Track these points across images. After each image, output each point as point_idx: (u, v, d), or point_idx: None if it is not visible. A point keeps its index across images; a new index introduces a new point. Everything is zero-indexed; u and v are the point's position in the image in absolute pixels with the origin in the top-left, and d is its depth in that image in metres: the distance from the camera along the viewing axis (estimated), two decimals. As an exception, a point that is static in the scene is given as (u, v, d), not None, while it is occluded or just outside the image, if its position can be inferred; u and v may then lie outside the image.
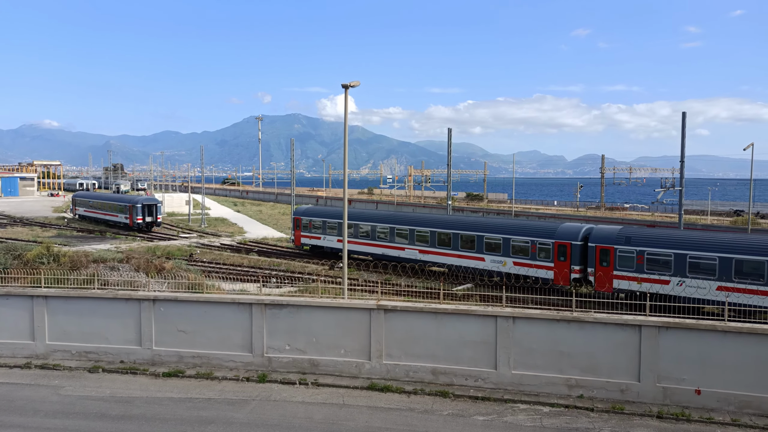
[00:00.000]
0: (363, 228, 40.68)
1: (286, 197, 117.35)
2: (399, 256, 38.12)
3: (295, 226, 45.86)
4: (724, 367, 16.21)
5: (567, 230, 31.29)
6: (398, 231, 38.54)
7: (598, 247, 28.96)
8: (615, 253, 28.39)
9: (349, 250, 40.37)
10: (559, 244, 30.63)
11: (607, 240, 28.90)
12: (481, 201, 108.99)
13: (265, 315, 19.37)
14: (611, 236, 29.09)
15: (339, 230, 41.97)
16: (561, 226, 32.02)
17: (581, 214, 78.35)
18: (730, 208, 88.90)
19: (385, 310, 18.58)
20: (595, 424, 15.69)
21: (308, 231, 44.65)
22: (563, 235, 30.85)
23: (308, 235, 44.73)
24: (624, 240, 28.52)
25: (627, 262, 28.11)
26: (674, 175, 77.32)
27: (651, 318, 16.87)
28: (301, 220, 45.36)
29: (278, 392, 17.95)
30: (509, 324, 17.65)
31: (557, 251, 30.70)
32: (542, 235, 31.71)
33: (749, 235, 34.25)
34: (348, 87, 22.30)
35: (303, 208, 47.00)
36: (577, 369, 17.28)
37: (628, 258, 28.09)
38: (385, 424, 15.72)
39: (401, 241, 38.27)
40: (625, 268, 28.14)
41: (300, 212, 46.18)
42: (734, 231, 51.33)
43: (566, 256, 30.35)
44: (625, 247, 28.24)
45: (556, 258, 30.71)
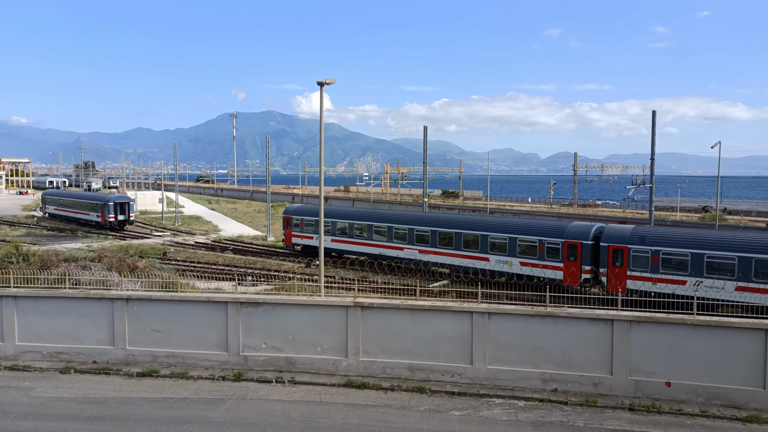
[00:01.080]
0: (359, 227, 39.47)
1: (261, 195, 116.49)
2: (398, 256, 36.97)
3: (285, 226, 44.43)
4: (693, 360, 16.63)
5: (577, 229, 30.40)
6: (397, 230, 37.36)
7: (611, 246, 28.12)
8: (629, 253, 27.58)
9: (344, 250, 39.93)
10: (569, 244, 29.71)
11: (621, 240, 28.06)
12: (457, 198, 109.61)
13: (240, 313, 19.23)
14: (624, 236, 28.24)
15: (334, 229, 40.78)
16: (570, 225, 31.21)
17: (554, 211, 79.38)
18: (698, 204, 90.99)
19: (362, 308, 18.60)
20: (569, 417, 15.96)
21: (300, 230, 43.17)
22: (573, 235, 29.94)
23: (300, 235, 43.23)
24: (638, 239, 27.72)
25: (641, 263, 27.32)
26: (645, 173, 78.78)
27: (623, 312, 17.20)
28: (291, 219, 43.85)
29: (254, 391, 17.85)
30: (485, 320, 17.83)
31: (567, 251, 29.80)
32: (551, 234, 30.75)
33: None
34: (323, 84, 22.23)
35: (294, 207, 45.40)
36: (551, 363, 17.54)
37: (642, 258, 27.30)
38: (363, 420, 15.76)
39: (400, 241, 37.13)
40: (639, 268, 27.35)
41: (291, 211, 44.64)
42: (702, 227, 52.58)
43: (576, 256, 29.46)
44: (640, 246, 27.44)
45: (565, 258, 29.81)
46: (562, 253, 29.97)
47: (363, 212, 41.95)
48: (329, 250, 40.55)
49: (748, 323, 16.32)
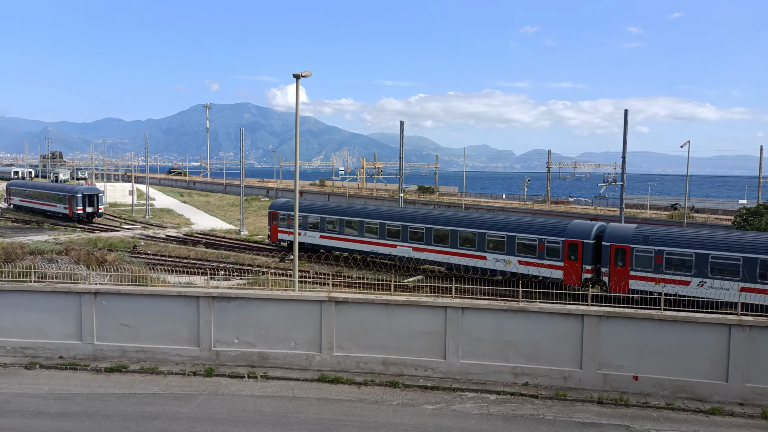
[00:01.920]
0: (350, 223, 38.65)
1: (235, 188, 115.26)
2: (390, 253, 36.17)
3: (271, 221, 43.12)
4: (659, 354, 17.00)
5: (578, 228, 29.99)
6: (390, 227, 36.54)
7: (614, 246, 27.75)
8: (632, 253, 27.26)
9: (335, 246, 39.22)
10: (569, 243, 29.31)
11: (623, 239, 27.71)
12: (433, 194, 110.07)
13: (212, 308, 19.02)
14: (627, 235, 27.91)
15: (323, 226, 39.87)
16: (571, 224, 30.74)
17: (528, 208, 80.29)
18: (668, 202, 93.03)
19: (337, 302, 18.56)
20: (540, 410, 16.19)
21: (287, 226, 41.86)
22: (574, 233, 29.53)
23: (286, 231, 41.91)
24: (641, 239, 27.40)
25: (644, 262, 27.04)
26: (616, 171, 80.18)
27: (592, 307, 17.50)
28: (278, 214, 42.59)
29: (226, 386, 17.69)
30: (458, 314, 17.95)
31: (567, 250, 29.38)
32: (551, 233, 30.30)
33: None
34: (299, 77, 22.06)
35: (280, 202, 44.16)
36: (523, 357, 17.77)
37: (645, 258, 27.01)
38: (336, 415, 15.75)
39: (393, 238, 36.34)
40: (642, 268, 27.06)
41: (277, 206, 43.39)
42: (670, 224, 53.78)
43: (577, 255, 29.05)
44: (643, 246, 27.13)
45: (566, 257, 29.39)
46: (563, 252, 29.52)
47: (355, 208, 41.15)
48: (319, 246, 39.93)
49: (712, 318, 16.76)
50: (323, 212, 40.32)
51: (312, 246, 40.70)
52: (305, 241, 40.87)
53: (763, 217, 36.48)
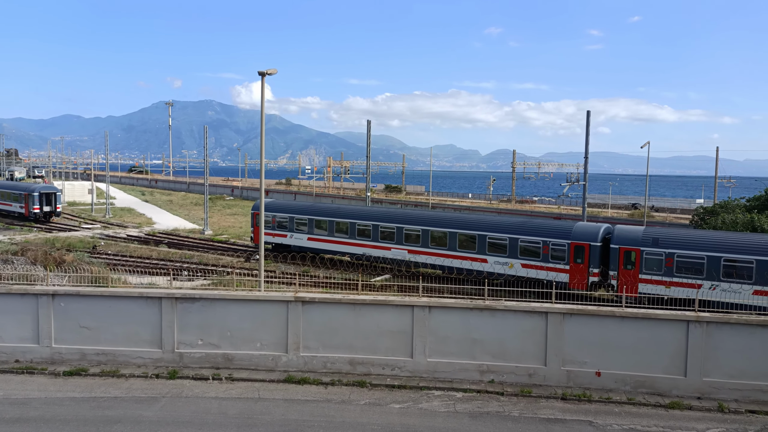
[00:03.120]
0: (341, 225, 37.41)
1: (198, 187, 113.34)
2: (384, 256, 35.03)
3: (254, 223, 41.37)
4: (621, 350, 17.39)
5: (584, 230, 29.35)
6: (383, 229, 35.49)
7: (622, 249, 27.16)
8: (641, 256, 26.72)
9: (324, 249, 38.12)
10: (576, 245, 28.63)
11: (633, 242, 27.19)
12: (400, 193, 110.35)
13: (176, 309, 18.63)
14: (637, 238, 27.39)
15: (310, 227, 38.81)
16: (576, 226, 30.04)
17: (494, 207, 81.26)
18: (629, 202, 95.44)
19: (303, 302, 18.41)
20: (505, 407, 16.38)
21: (271, 228, 40.59)
22: (580, 236, 28.86)
23: (271, 233, 40.59)
24: (651, 242, 26.90)
25: (654, 265, 26.52)
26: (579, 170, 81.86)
27: (556, 305, 17.80)
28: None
29: (190, 388, 17.36)
30: (425, 313, 18.02)
31: (573, 253, 28.71)
32: (556, 235, 29.58)
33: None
34: (265, 74, 21.80)
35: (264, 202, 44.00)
36: (489, 355, 17.94)
37: (656, 261, 26.49)
38: (302, 416, 15.62)
39: (387, 240, 35.21)
40: (652, 271, 26.51)
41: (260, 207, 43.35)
42: (632, 223, 55.17)
43: (584, 258, 28.36)
44: (653, 249, 26.61)
45: (572, 260, 28.75)
46: (568, 254, 28.85)
47: (346, 209, 39.96)
48: (306, 249, 38.69)
49: (671, 315, 17.23)
50: (311, 213, 39.25)
51: (299, 248, 39.40)
52: (292, 244, 39.82)
53: (719, 216, 37.74)
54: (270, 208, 41.36)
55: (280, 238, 40.41)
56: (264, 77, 21.86)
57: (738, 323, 16.85)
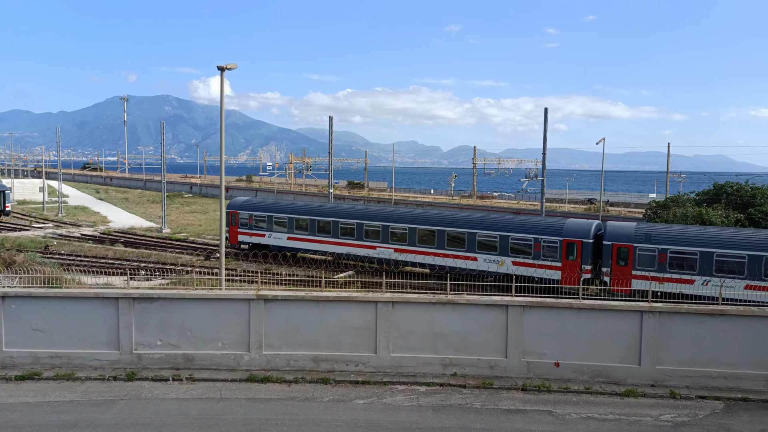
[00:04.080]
0: (323, 223, 36.48)
1: (155, 184, 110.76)
2: (369, 255, 34.25)
3: (229, 222, 40.25)
4: (579, 341, 17.86)
5: (576, 227, 29.28)
6: (368, 227, 34.69)
7: (615, 245, 27.22)
8: (634, 252, 26.84)
9: (304, 248, 37.28)
10: (567, 242, 28.58)
11: (626, 238, 27.26)
12: (363, 189, 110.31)
13: (133, 309, 18.19)
14: (629, 234, 27.46)
15: (290, 226, 37.84)
16: (568, 223, 30.03)
17: (455, 202, 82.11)
18: (585, 196, 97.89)
19: (266, 300, 18.24)
20: (467, 399, 16.63)
21: (248, 227, 39.56)
22: (572, 233, 28.81)
23: (248, 232, 39.61)
24: (644, 238, 27.00)
25: (647, 261, 26.67)
26: (537, 166, 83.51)
27: (516, 298, 18.14)
28: (238, 214, 40.13)
29: (149, 390, 17.00)
30: (389, 309, 18.10)
31: (565, 250, 28.63)
32: (547, 232, 29.47)
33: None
34: (224, 69, 21.45)
35: (240, 201, 41.60)
36: (451, 349, 18.16)
37: (648, 257, 26.66)
38: (265, 414, 15.50)
39: (372, 239, 34.48)
40: (645, 267, 26.65)
41: (236, 206, 40.86)
42: (590, 217, 56.60)
43: (576, 255, 28.30)
44: (646, 245, 26.75)
45: (564, 257, 28.66)
46: (560, 251, 28.77)
47: (328, 207, 38.96)
48: (285, 248, 37.80)
49: (626, 306, 17.78)
50: (291, 212, 38.31)
51: (278, 248, 38.34)
52: (271, 243, 38.78)
53: (670, 210, 39.09)
54: (247, 207, 40.30)
55: (257, 238, 39.40)
56: (223, 72, 21.52)
57: (688, 313, 17.52)
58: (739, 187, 40.86)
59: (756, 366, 17.27)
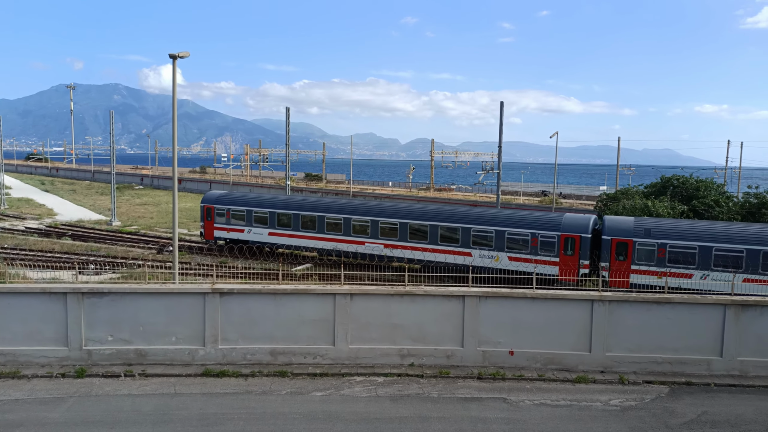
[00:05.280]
0: (307, 218, 35.19)
1: (104, 175, 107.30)
2: (357, 251, 33.23)
3: (205, 217, 38.59)
4: (532, 330, 18.29)
5: (574, 222, 29.12)
6: (356, 222, 33.68)
7: (614, 240, 27.21)
8: (634, 247, 26.83)
9: (286, 244, 36.15)
10: (566, 237, 28.44)
11: (625, 232, 27.26)
12: (320, 181, 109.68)
13: (82, 304, 17.61)
14: (629, 228, 27.42)
15: (272, 221, 36.31)
16: (566, 217, 29.74)
17: (414, 195, 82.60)
18: (539, 189, 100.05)
19: (221, 294, 17.95)
20: (425, 389, 16.82)
21: (226, 222, 37.88)
22: (570, 227, 28.66)
23: (225, 227, 37.89)
24: (643, 232, 27.02)
25: (646, 256, 26.73)
26: (493, 159, 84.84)
27: (473, 289, 18.42)
28: (214, 209, 38.22)
29: (100, 387, 16.51)
30: (347, 301, 18.10)
31: (563, 245, 28.53)
32: (544, 227, 29.16)
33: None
34: (176, 57, 20.88)
35: (216, 194, 39.44)
36: (409, 339, 18.32)
37: (647, 251, 26.70)
38: (221, 409, 15.30)
39: (360, 234, 33.43)
40: (644, 261, 26.70)
41: (212, 199, 38.79)
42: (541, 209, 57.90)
43: (574, 250, 28.18)
44: (645, 239, 26.77)
45: (562, 252, 28.52)
46: (558, 246, 28.63)
47: (313, 201, 37.47)
48: (266, 244, 36.71)
49: (577, 295, 18.31)
50: (273, 206, 37.00)
51: (259, 244, 36.95)
52: (250, 239, 37.25)
53: (619, 202, 40.37)
54: (224, 201, 38.59)
55: (236, 233, 37.78)
56: (175, 60, 20.94)
57: (636, 301, 18.17)
58: (685, 180, 42.57)
59: (698, 351, 18.09)
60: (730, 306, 17.85)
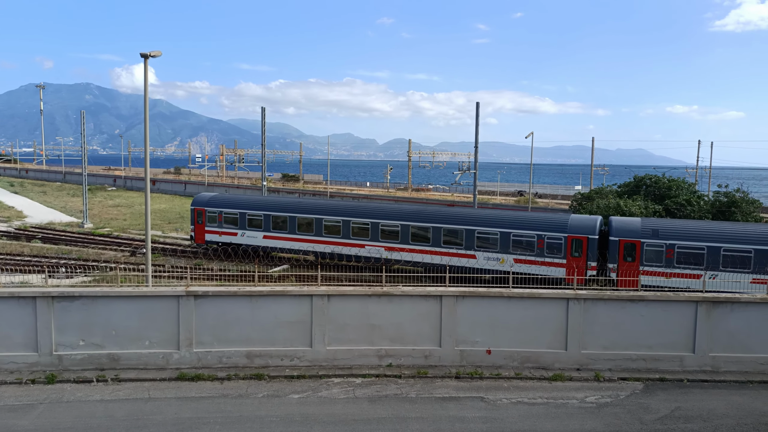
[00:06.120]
0: (304, 221, 34.23)
1: (76, 177, 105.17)
2: (358, 254, 32.14)
3: (196, 220, 37.37)
4: (509, 329, 18.40)
5: (581, 223, 28.87)
6: (355, 224, 32.80)
7: (622, 241, 27.02)
8: (642, 248, 26.64)
9: (282, 248, 34.92)
10: (573, 239, 28.15)
11: (633, 233, 27.10)
12: (298, 182, 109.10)
13: (53, 309, 17.19)
14: (636, 229, 27.27)
15: (266, 224, 35.22)
16: (572, 219, 29.54)
17: (391, 195, 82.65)
18: (515, 189, 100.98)
19: (196, 296, 17.68)
20: (403, 389, 16.80)
21: (218, 225, 36.61)
22: (577, 229, 28.43)
23: (217, 231, 36.68)
24: (651, 233, 26.88)
25: (655, 257, 26.57)
26: (470, 159, 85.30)
27: (450, 288, 18.45)
28: (205, 211, 36.98)
29: (72, 392, 16.14)
30: (324, 302, 17.98)
31: (571, 246, 28.19)
32: (551, 228, 28.86)
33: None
34: (148, 57, 20.52)
35: (207, 197, 38.23)
36: (387, 340, 18.28)
37: (656, 252, 26.55)
38: (197, 413, 15.06)
39: (360, 237, 32.59)
40: (653, 263, 26.52)
41: (203, 202, 37.55)
42: (518, 209, 58.40)
43: (582, 252, 27.92)
44: (653, 240, 26.64)
45: (569, 254, 28.18)
46: (565, 248, 28.31)
47: (310, 203, 36.36)
48: (261, 247, 35.57)
49: (553, 293, 18.47)
50: (268, 209, 35.87)
51: (254, 248, 35.78)
52: (243, 242, 36.07)
53: (594, 201, 40.92)
54: (216, 204, 37.42)
55: (228, 237, 36.52)
56: (147, 59, 20.58)
57: (610, 299, 18.41)
58: (657, 179, 43.35)
59: (672, 348, 18.40)
60: (701, 303, 18.18)
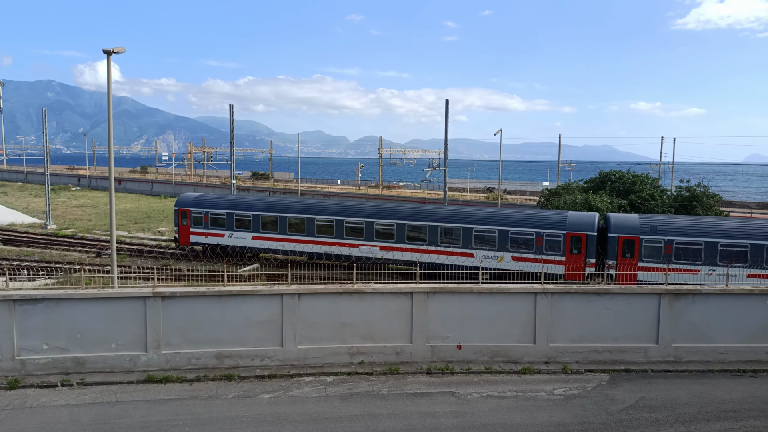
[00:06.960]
0: (295, 221, 33.65)
1: (38, 176, 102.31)
2: (351, 254, 31.59)
3: (180, 221, 36.53)
4: (479, 324, 18.59)
5: (579, 220, 28.95)
6: (349, 224, 32.28)
7: (621, 237, 27.21)
8: (640, 244, 26.89)
9: (272, 249, 34.45)
10: (572, 236, 28.19)
11: (631, 230, 27.33)
12: (268, 180, 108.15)
13: (14, 312, 16.72)
14: (635, 226, 27.49)
15: (255, 224, 34.57)
16: (570, 216, 29.54)
17: (362, 192, 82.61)
18: (485, 186, 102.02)
19: (163, 297, 17.41)
20: (375, 386, 16.84)
21: (203, 227, 35.86)
22: (576, 226, 28.50)
23: (204, 232, 35.91)
24: (649, 229, 27.12)
25: (653, 253, 26.83)
26: (440, 157, 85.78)
27: (420, 285, 18.56)
28: (190, 212, 36.13)
29: (35, 398, 15.74)
30: (295, 301, 17.90)
31: (570, 243, 28.25)
32: (549, 226, 28.87)
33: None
34: (111, 53, 20.09)
35: (192, 197, 37.40)
36: (359, 337, 18.30)
37: (654, 248, 26.79)
38: (165, 416, 14.84)
39: (353, 237, 32.17)
40: (651, 259, 26.82)
41: (188, 202, 36.68)
42: (487, 205, 59.03)
43: (581, 249, 28.02)
44: (652, 236, 26.89)
45: (568, 251, 28.25)
46: (564, 245, 28.35)
47: (301, 203, 35.71)
48: (250, 249, 34.95)
49: (521, 288, 18.73)
50: (257, 209, 35.22)
51: (241, 249, 35.12)
52: (231, 244, 35.33)
53: (561, 197, 41.60)
54: (201, 204, 36.52)
55: (215, 238, 35.71)
56: (110, 56, 20.14)
57: (577, 293, 18.76)
58: (622, 175, 44.31)
59: (636, 339, 18.86)
60: (664, 295, 18.67)
